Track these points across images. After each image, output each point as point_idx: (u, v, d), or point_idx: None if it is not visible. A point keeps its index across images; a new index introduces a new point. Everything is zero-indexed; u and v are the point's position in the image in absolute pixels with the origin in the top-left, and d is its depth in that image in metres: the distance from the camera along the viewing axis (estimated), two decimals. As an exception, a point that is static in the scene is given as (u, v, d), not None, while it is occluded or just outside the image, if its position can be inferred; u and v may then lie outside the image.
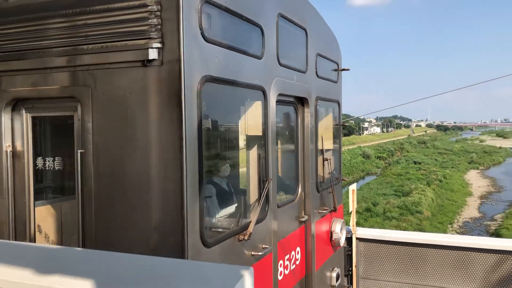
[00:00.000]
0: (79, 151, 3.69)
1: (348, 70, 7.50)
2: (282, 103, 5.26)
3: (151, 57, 3.37)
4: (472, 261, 7.26)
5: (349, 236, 7.54)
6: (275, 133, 4.84)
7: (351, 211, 7.81)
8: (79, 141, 3.74)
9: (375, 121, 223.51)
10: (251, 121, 4.70)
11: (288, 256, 5.26)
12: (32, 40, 3.87)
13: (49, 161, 4.37)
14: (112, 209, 3.61)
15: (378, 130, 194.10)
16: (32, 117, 4.19)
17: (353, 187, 7.89)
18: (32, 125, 4.19)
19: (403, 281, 7.68)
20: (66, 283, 2.28)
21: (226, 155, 4.58)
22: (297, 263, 5.56)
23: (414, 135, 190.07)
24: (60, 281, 2.31)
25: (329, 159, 6.60)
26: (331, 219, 6.76)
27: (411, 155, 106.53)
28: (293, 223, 5.56)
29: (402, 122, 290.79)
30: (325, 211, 6.40)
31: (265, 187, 4.49)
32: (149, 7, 3.40)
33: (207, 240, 3.57)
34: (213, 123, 4.09)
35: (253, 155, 4.67)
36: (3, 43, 4.01)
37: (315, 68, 6.14)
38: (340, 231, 6.74)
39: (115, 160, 3.60)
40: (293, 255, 5.42)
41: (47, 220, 4.56)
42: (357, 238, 7.92)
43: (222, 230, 4.13)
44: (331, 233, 6.71)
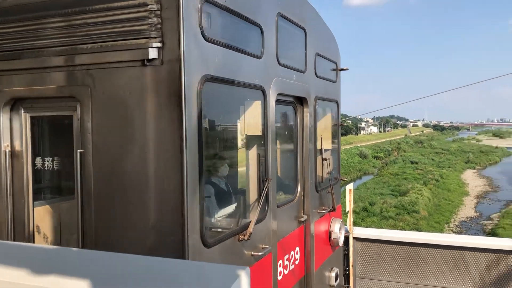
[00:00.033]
0: (78, 151, 3.67)
1: (346, 69, 7.50)
2: (281, 103, 5.25)
3: (151, 57, 3.35)
4: (468, 260, 7.28)
5: (346, 235, 7.54)
6: (274, 133, 4.83)
7: (348, 211, 7.82)
8: (78, 141, 3.72)
9: (372, 121, 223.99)
10: (250, 121, 4.69)
11: (287, 256, 5.25)
12: (31, 39, 3.84)
13: (48, 161, 4.34)
14: (111, 209, 3.59)
15: (375, 130, 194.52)
16: (30, 116, 4.16)
17: (350, 187, 7.91)
18: (31, 125, 4.16)
19: (400, 280, 7.69)
20: (64, 284, 2.27)
21: (226, 155, 4.57)
22: (296, 263, 5.55)
23: (411, 135, 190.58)
24: (58, 281, 2.29)
25: (328, 159, 6.60)
26: (330, 219, 6.76)
27: (408, 154, 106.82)
28: (293, 223, 5.55)
29: (399, 122, 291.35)
30: (324, 211, 6.40)
31: (265, 187, 4.48)
32: (149, 6, 3.38)
33: (207, 240, 3.55)
34: (213, 123, 4.07)
35: (252, 155, 4.66)
36: (1, 42, 3.98)
37: (314, 68, 6.14)
38: (339, 231, 6.74)
39: (114, 160, 3.58)
40: (292, 255, 5.41)
41: (46, 220, 4.53)
42: (354, 237, 7.93)
43: (222, 230, 4.11)
44: (330, 233, 6.71)
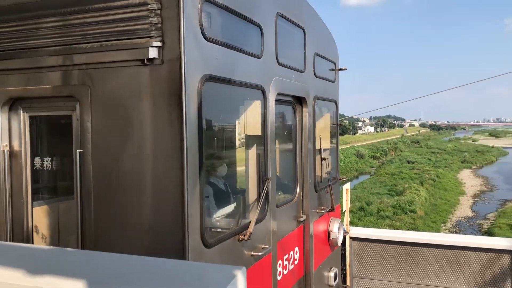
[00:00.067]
0: (77, 151, 3.65)
1: (345, 69, 7.51)
2: (280, 103, 5.24)
3: (151, 56, 3.33)
4: (465, 259, 7.30)
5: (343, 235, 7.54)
6: (274, 132, 4.83)
7: (344, 211, 7.82)
8: (77, 141, 3.70)
9: (369, 120, 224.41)
10: (250, 121, 4.68)
11: (286, 256, 5.25)
12: (29, 38, 3.82)
13: (46, 161, 4.32)
14: (111, 210, 3.58)
15: (372, 129, 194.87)
16: (29, 116, 4.13)
17: (347, 187, 7.90)
18: (29, 124, 4.14)
19: (397, 280, 7.70)
20: (63, 285, 2.27)
21: (225, 155, 4.55)
22: (296, 263, 5.55)
23: (407, 135, 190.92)
24: (57, 282, 2.29)
25: (327, 159, 6.60)
26: (329, 218, 6.76)
27: (405, 154, 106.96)
28: (292, 223, 5.55)
29: (395, 121, 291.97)
30: (323, 211, 6.39)
31: (265, 187, 4.48)
32: (149, 6, 3.36)
33: (208, 240, 3.54)
34: (213, 123, 4.05)
35: (252, 154, 4.65)
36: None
37: (313, 67, 6.13)
38: (337, 230, 6.74)
39: (114, 160, 3.56)
40: (291, 255, 5.41)
41: (45, 220, 4.51)
42: (351, 237, 7.93)
43: (222, 230, 4.10)
44: (328, 232, 6.71)
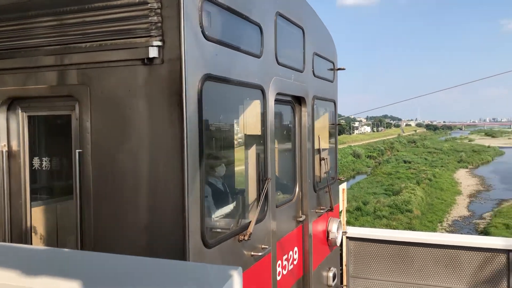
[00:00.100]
0: (77, 151, 3.62)
1: (344, 69, 7.51)
2: (280, 102, 5.23)
3: (151, 56, 3.31)
4: (461, 259, 7.32)
5: None
6: (273, 132, 4.82)
7: (341, 210, 7.82)
8: (77, 141, 3.67)
9: (365, 120, 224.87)
10: (250, 120, 4.67)
11: (286, 256, 5.24)
12: (28, 37, 3.79)
13: (45, 161, 4.29)
14: (111, 210, 3.55)
15: (368, 129, 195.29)
16: (28, 116, 4.11)
17: (343, 186, 7.90)
18: (28, 124, 4.11)
19: (393, 279, 7.71)
20: (60, 286, 2.27)
21: (225, 155, 4.54)
22: (295, 263, 5.54)
23: (404, 135, 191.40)
24: (55, 283, 2.30)
25: (326, 159, 6.60)
26: (328, 218, 6.75)
27: (401, 154, 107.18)
28: (291, 223, 5.54)
29: (392, 121, 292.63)
30: (322, 211, 6.39)
31: (265, 187, 4.46)
32: (150, 5, 3.34)
33: (208, 240, 3.52)
34: (214, 123, 4.04)
35: (252, 154, 4.63)
36: None
37: (312, 67, 6.13)
38: (336, 230, 6.73)
39: (114, 160, 3.54)
40: (291, 255, 5.40)
41: (44, 220, 4.48)
42: (348, 237, 7.93)
43: (222, 230, 4.08)
44: (327, 232, 6.70)
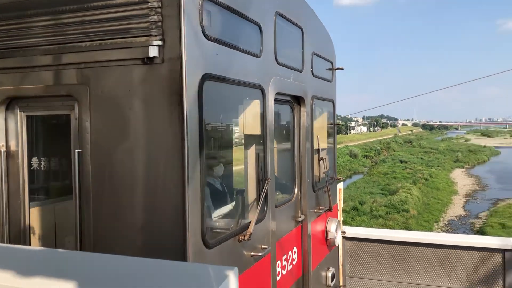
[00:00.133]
0: (76, 150, 3.60)
1: (342, 69, 7.51)
2: (279, 102, 5.23)
3: (151, 55, 3.30)
4: (457, 258, 7.33)
5: None
6: (273, 132, 4.81)
7: (338, 210, 7.82)
8: (76, 141, 3.65)
9: (362, 120, 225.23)
10: (250, 120, 4.66)
11: (285, 256, 5.23)
12: (27, 37, 3.76)
13: (44, 161, 4.27)
14: (111, 210, 3.53)
15: (365, 129, 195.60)
16: (26, 116, 4.08)
17: (340, 186, 7.90)
18: (26, 124, 4.09)
19: (390, 279, 7.71)
20: (59, 287, 2.26)
21: (225, 155, 4.53)
22: (294, 263, 5.53)
23: (400, 134, 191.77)
24: (54, 284, 2.29)
25: (325, 159, 6.59)
26: (326, 218, 6.75)
27: (398, 154, 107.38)
28: (290, 223, 5.53)
29: (388, 121, 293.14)
30: (320, 211, 6.38)
31: (264, 187, 4.45)
32: (150, 4, 3.33)
33: (208, 241, 3.51)
34: (214, 122, 4.03)
35: (251, 154, 4.62)
36: None
37: (311, 67, 6.12)
38: (335, 230, 6.73)
39: (114, 160, 3.52)
40: (290, 255, 5.39)
41: (42, 221, 4.46)
42: (344, 237, 7.93)
43: (222, 230, 4.07)
44: (326, 232, 6.70)
